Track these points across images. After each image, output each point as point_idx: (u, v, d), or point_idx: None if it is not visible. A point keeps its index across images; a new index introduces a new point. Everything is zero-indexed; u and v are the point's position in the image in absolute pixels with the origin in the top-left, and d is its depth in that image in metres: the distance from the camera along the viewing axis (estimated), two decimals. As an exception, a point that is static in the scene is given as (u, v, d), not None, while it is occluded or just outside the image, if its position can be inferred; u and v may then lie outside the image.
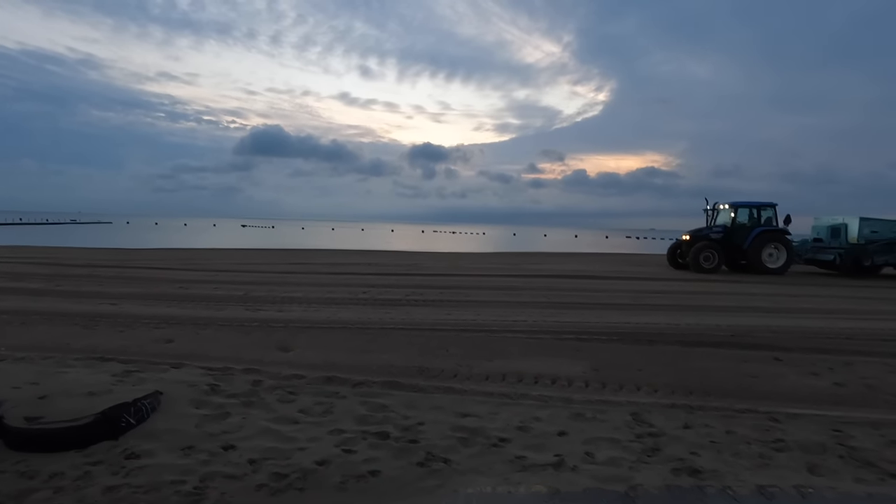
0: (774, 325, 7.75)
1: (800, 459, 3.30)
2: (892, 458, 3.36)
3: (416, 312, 8.26)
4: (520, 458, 3.19)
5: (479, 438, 3.44)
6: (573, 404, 4.21)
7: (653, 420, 3.90)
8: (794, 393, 4.70)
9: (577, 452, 3.30)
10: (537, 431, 3.61)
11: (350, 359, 5.31)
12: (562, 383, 4.80)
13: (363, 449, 3.19)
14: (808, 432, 3.76)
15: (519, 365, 5.29)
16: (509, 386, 4.65)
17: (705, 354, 5.97)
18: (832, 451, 3.43)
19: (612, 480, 2.94)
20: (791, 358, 5.90)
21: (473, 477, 2.94)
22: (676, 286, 13.21)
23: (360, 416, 3.71)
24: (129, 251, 22.75)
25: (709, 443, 3.51)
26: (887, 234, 17.10)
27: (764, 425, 3.86)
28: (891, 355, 6.14)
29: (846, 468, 3.20)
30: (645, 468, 3.12)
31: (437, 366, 5.16)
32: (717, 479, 3.01)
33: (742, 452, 3.38)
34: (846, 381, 5.08)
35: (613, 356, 5.76)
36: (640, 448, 3.39)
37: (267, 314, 7.79)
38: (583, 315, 8.26)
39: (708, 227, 18.12)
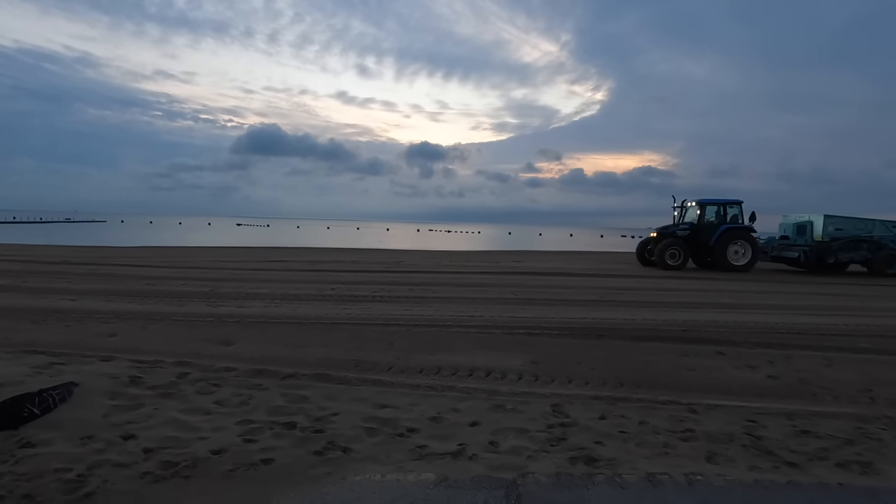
0: (729, 321, 7.80)
1: (702, 449, 3.34)
2: (794, 447, 3.40)
3: (376, 308, 8.28)
4: (421, 447, 3.21)
5: (387, 429, 3.46)
6: (497, 396, 4.24)
7: (571, 411, 3.93)
8: (724, 385, 4.74)
9: (481, 442, 3.32)
10: (450, 422, 3.64)
11: (290, 352, 5.32)
12: (495, 376, 4.83)
13: (265, 438, 3.21)
14: (722, 423, 3.80)
15: (459, 359, 5.32)
16: (441, 379, 4.68)
17: (651, 349, 6.02)
18: (737, 441, 3.47)
19: (504, 468, 2.97)
20: (735, 352, 5.95)
21: (368, 465, 2.97)
22: (644, 283, 13.28)
23: (275, 407, 3.73)
24: (112, 249, 22.67)
25: (617, 433, 3.55)
26: (851, 232, 17.19)
27: (680, 416, 3.90)
28: (834, 349, 6.19)
29: (745, 457, 3.23)
30: (544, 457, 3.15)
31: (374, 359, 5.18)
32: (612, 467, 3.04)
33: (647, 442, 3.41)
34: (780, 374, 5.12)
35: (558, 350, 5.78)
36: (547, 438, 3.42)
37: (225, 310, 7.79)
38: (542, 311, 8.29)
39: (675, 224, 18.22)
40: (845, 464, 3.18)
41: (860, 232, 17.19)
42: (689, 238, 17.40)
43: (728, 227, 17.14)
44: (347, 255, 21.83)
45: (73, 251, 20.41)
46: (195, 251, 22.46)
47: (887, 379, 5.06)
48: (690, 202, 18.31)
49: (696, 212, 17.88)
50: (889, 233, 17.35)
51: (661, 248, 17.04)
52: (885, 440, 3.58)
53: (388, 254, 23.39)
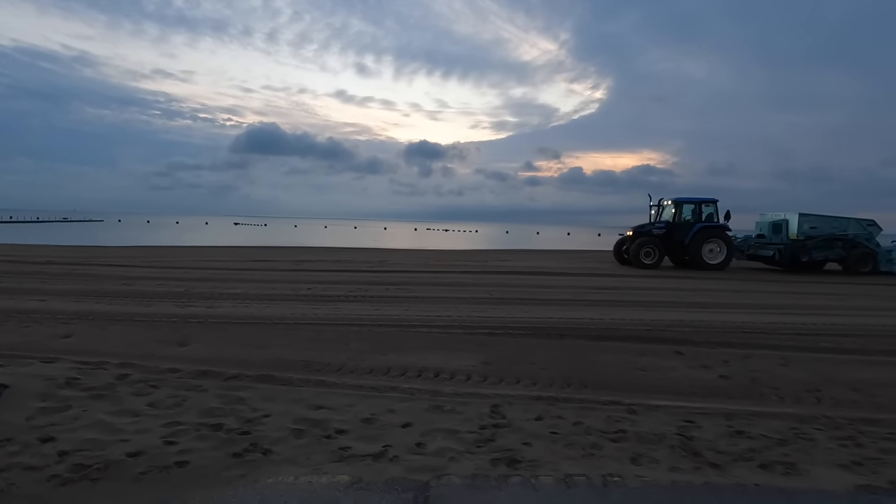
0: (697, 320, 7.80)
1: (629, 450, 3.32)
2: (723, 448, 3.39)
3: (346, 308, 8.27)
4: (345, 448, 3.20)
5: (315, 430, 3.44)
6: (439, 397, 4.22)
7: (509, 412, 3.92)
8: (673, 386, 4.73)
9: (408, 443, 3.31)
10: (382, 423, 3.62)
11: (243, 353, 5.30)
12: (444, 376, 4.81)
13: (187, 441, 3.19)
14: (658, 423, 3.79)
15: (412, 359, 5.30)
16: (388, 380, 4.66)
17: (610, 348, 6.00)
18: (667, 442, 3.45)
19: (422, 470, 2.95)
20: (693, 351, 5.94)
21: (285, 467, 2.95)
22: (624, 282, 13.28)
23: (207, 409, 3.71)
24: (101, 248, 22.62)
25: (549, 434, 3.53)
26: (826, 230, 17.19)
27: (617, 417, 3.89)
28: (795, 349, 6.19)
29: (670, 458, 3.22)
30: (467, 458, 3.13)
31: (326, 360, 5.16)
32: (532, 468, 3.03)
33: (576, 443, 3.40)
34: (733, 374, 5.12)
35: (514, 350, 5.77)
36: (475, 439, 3.41)
37: (193, 310, 7.76)
38: (511, 311, 8.28)
39: (651, 223, 18.20)
40: (769, 465, 3.17)
41: (835, 230, 17.19)
42: (665, 237, 17.40)
43: (703, 226, 17.14)
44: (335, 254, 21.80)
45: (60, 251, 20.35)
46: (184, 251, 22.41)
47: (839, 378, 5.06)
48: (667, 201, 18.30)
49: (672, 210, 17.88)
50: (863, 231, 17.36)
51: (636, 246, 17.05)
52: (818, 440, 3.58)
53: (376, 253, 23.36)
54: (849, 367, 5.53)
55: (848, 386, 4.85)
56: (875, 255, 17.00)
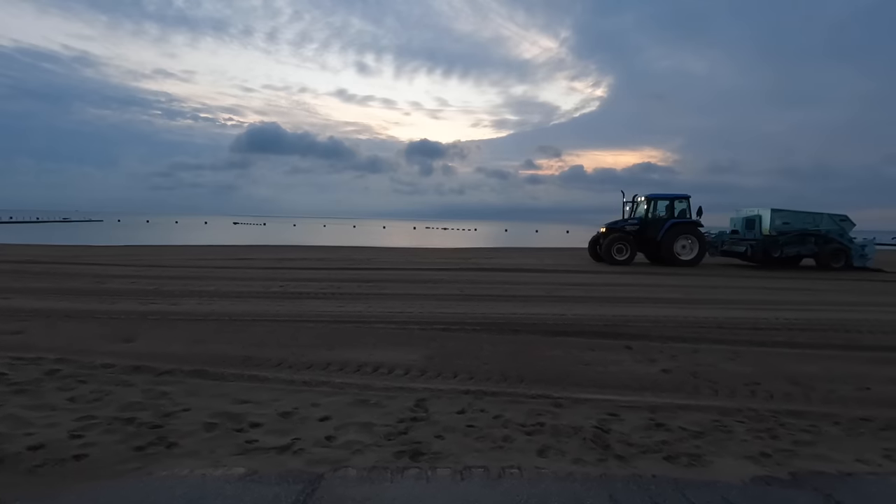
0: (660, 316, 7.78)
1: (540, 442, 3.32)
2: (636, 441, 3.39)
3: (310, 305, 8.27)
4: (252, 441, 3.21)
5: (230, 424, 3.45)
6: (369, 391, 4.23)
7: (433, 406, 3.92)
8: (611, 380, 4.72)
9: (318, 437, 3.31)
10: (300, 417, 3.63)
11: (186, 349, 5.32)
12: (382, 371, 4.81)
13: (94, 434, 3.20)
14: (580, 417, 3.79)
15: (357, 355, 5.30)
16: (324, 374, 4.66)
17: (561, 343, 5.99)
18: (581, 435, 3.45)
19: (322, 462, 2.96)
20: (644, 346, 5.94)
21: (184, 460, 2.95)
22: (600, 279, 13.29)
23: (127, 403, 3.72)
24: (90, 248, 22.68)
25: (465, 427, 3.53)
26: (799, 226, 17.14)
27: (541, 410, 3.89)
28: (748, 343, 6.18)
29: (578, 450, 3.22)
30: (372, 451, 3.14)
31: (268, 355, 5.16)
32: (434, 460, 3.03)
33: (489, 436, 3.40)
34: (676, 368, 5.11)
35: (464, 345, 5.77)
36: (388, 432, 3.41)
37: (155, 307, 7.78)
38: (476, 307, 8.28)
39: (624, 219, 18.19)
40: (676, 456, 3.16)
41: (807, 226, 17.14)
42: (638, 233, 17.38)
43: (675, 222, 17.10)
44: (324, 252, 21.82)
45: (48, 250, 20.41)
46: (173, 249, 22.48)
47: (782, 372, 5.05)
48: (640, 197, 18.28)
49: (645, 207, 17.86)
50: (836, 226, 17.32)
51: (608, 243, 17.05)
52: (735, 432, 3.57)
53: (365, 251, 23.37)
54: (797, 360, 5.52)
55: (788, 379, 4.84)
56: (848, 251, 16.96)
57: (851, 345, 6.28)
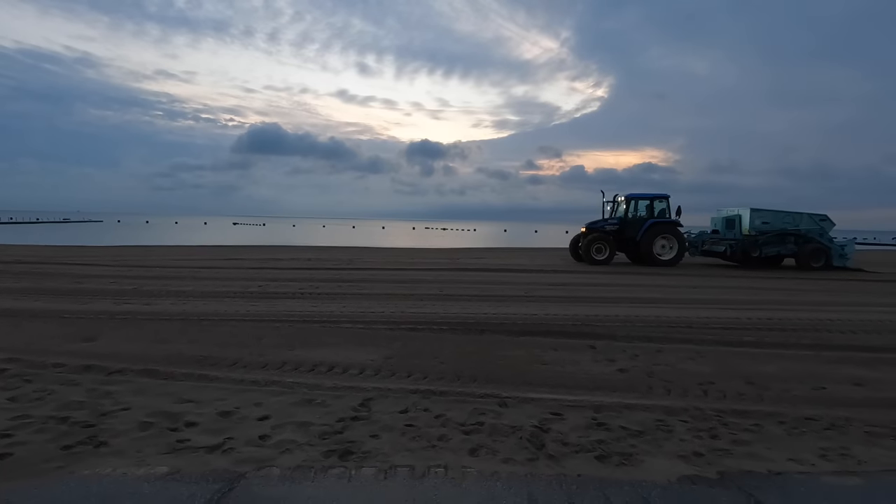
0: (632, 315, 7.75)
1: (475, 441, 3.31)
2: (572, 440, 3.37)
3: (283, 304, 8.26)
4: (182, 441, 3.19)
5: (165, 423, 3.44)
6: (317, 390, 4.21)
7: (377, 405, 3.91)
8: (564, 379, 4.71)
9: (252, 436, 3.30)
10: (239, 416, 3.62)
11: (144, 348, 5.31)
12: (337, 370, 4.80)
13: (25, 433, 3.18)
14: (522, 416, 3.77)
15: (316, 354, 5.29)
16: (278, 374, 4.64)
17: (525, 343, 5.98)
18: (518, 434, 3.44)
19: (249, 462, 2.95)
20: (608, 346, 5.92)
21: (110, 459, 2.94)
22: (583, 278, 13.28)
23: (67, 402, 3.71)
24: (79, 248, 22.66)
25: (402, 426, 3.52)
26: (778, 226, 17.10)
27: (484, 410, 3.87)
28: (714, 343, 6.15)
29: (510, 450, 3.21)
30: (303, 450, 3.12)
31: (226, 355, 5.15)
32: (362, 460, 3.02)
33: (424, 435, 3.39)
34: (633, 368, 5.09)
35: (426, 345, 5.75)
36: (324, 431, 3.40)
37: (128, 307, 7.77)
38: (449, 307, 8.27)
39: (604, 219, 18.16)
40: (608, 456, 3.15)
41: (787, 225, 17.09)
42: (618, 233, 17.37)
43: (654, 222, 17.06)
44: (312, 252, 21.79)
45: (38, 250, 20.40)
46: (164, 250, 22.46)
47: (740, 371, 5.03)
48: (620, 197, 18.27)
49: (625, 206, 17.85)
50: (816, 226, 17.29)
51: (587, 242, 17.05)
52: (676, 432, 3.56)
53: (354, 251, 23.34)
54: (759, 360, 5.50)
55: (745, 379, 4.82)
56: (827, 251, 16.92)
57: (819, 344, 6.26)
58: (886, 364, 5.46)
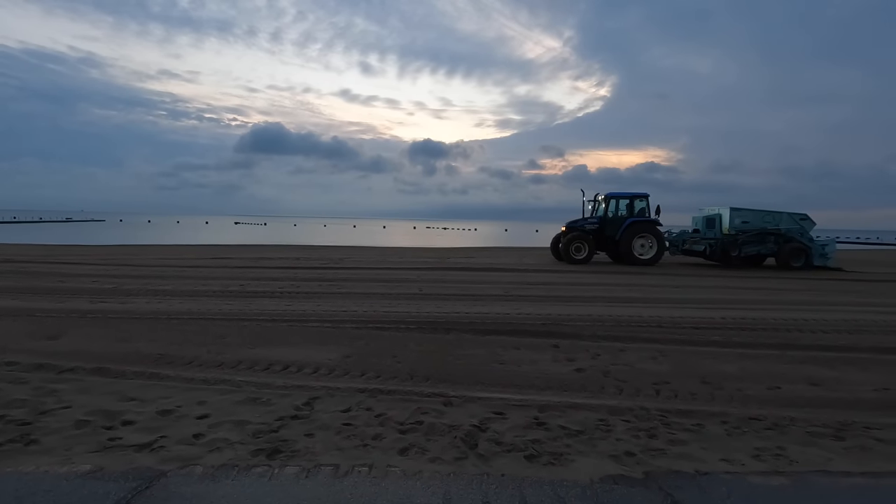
0: (604, 315, 7.73)
1: (408, 441, 3.31)
2: (507, 439, 3.36)
3: (259, 303, 8.27)
4: (115, 439, 3.20)
5: (101, 421, 3.45)
6: (265, 389, 4.22)
7: (321, 404, 3.91)
8: (518, 378, 4.70)
9: (185, 435, 3.30)
10: (178, 415, 3.63)
11: (104, 346, 5.33)
12: (292, 369, 4.81)
13: (-46, 432, 3.21)
14: (464, 415, 3.77)
15: (276, 353, 5.30)
16: (231, 373, 4.65)
17: (488, 342, 5.96)
18: (454, 433, 3.43)
19: (175, 460, 2.95)
20: (572, 345, 5.91)
21: (37, 457, 2.95)
22: (563, 277, 13.27)
23: (10, 400, 3.71)
24: (72, 247, 22.74)
25: (340, 425, 3.52)
26: (758, 225, 17.02)
27: (427, 409, 3.87)
28: (680, 342, 6.14)
29: (442, 449, 3.20)
30: (232, 449, 3.12)
31: (184, 353, 5.17)
32: (290, 458, 3.02)
33: (359, 434, 3.39)
34: (590, 368, 5.08)
35: (388, 344, 5.76)
36: (258, 430, 3.40)
37: (103, 306, 7.80)
38: (424, 306, 8.27)
39: (584, 218, 18.11)
40: (539, 455, 3.14)
41: (767, 225, 17.01)
42: (598, 232, 17.33)
43: (634, 221, 17.00)
44: (302, 251, 21.82)
45: (30, 249, 20.49)
46: (157, 249, 22.54)
47: (698, 371, 5.02)
48: (601, 196, 18.22)
49: (604, 205, 17.80)
50: (796, 225, 17.21)
51: (566, 242, 17.02)
52: (614, 431, 3.55)
53: (338, 250, 23.34)
54: (721, 360, 5.49)
55: (701, 379, 4.81)
56: (807, 250, 16.84)
57: (786, 344, 6.23)
58: (848, 364, 5.44)
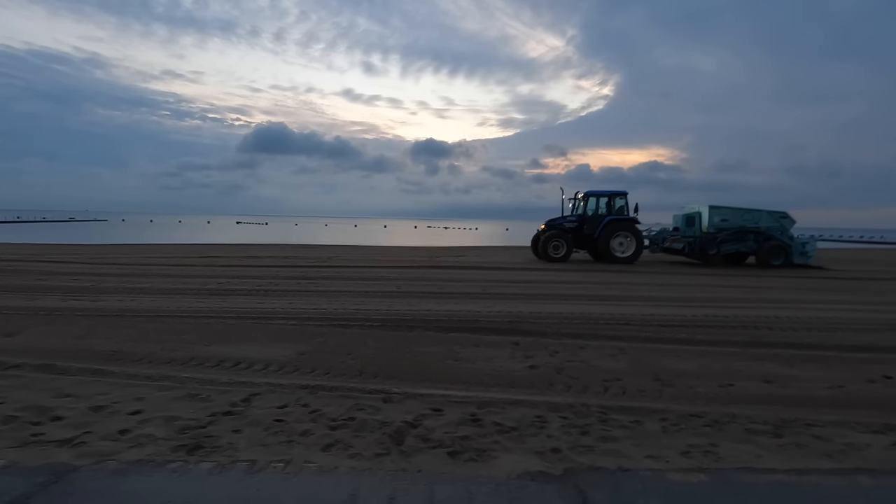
0: (575, 312, 7.70)
1: (335, 437, 3.28)
2: (436, 436, 3.33)
3: (231, 301, 8.26)
4: (37, 435, 3.19)
5: (30, 417, 3.43)
6: (208, 386, 4.19)
7: (259, 401, 3.88)
8: (468, 375, 4.67)
9: (111, 431, 3.28)
10: (111, 411, 3.61)
11: (59, 343, 5.32)
12: (242, 366, 4.79)
13: None
14: (401, 411, 3.74)
15: (228, 350, 5.28)
16: (181, 369, 4.63)
17: (449, 339, 5.94)
18: (383, 430, 3.40)
19: (92, 456, 2.94)
20: (532, 342, 5.87)
21: (-45, 454, 2.95)
22: (546, 276, 13.24)
23: (-57, 396, 3.72)
24: (65, 246, 22.80)
25: (271, 422, 3.50)
26: (737, 223, 16.93)
27: (364, 405, 3.84)
28: (643, 340, 6.10)
29: (366, 445, 3.17)
30: (154, 445, 3.10)
31: (140, 350, 5.15)
32: (210, 454, 2.99)
33: (288, 430, 3.36)
34: (545, 365, 5.05)
35: (348, 341, 5.73)
36: (186, 426, 3.37)
37: (74, 303, 7.80)
38: (395, 304, 8.25)
39: (563, 216, 18.05)
40: (463, 452, 3.11)
41: (746, 223, 16.94)
42: (577, 230, 17.29)
43: (612, 219, 16.94)
44: (293, 250, 21.83)
45: (22, 248, 20.56)
46: (147, 248, 22.59)
47: (653, 369, 4.97)
48: (581, 193, 18.17)
49: (583, 203, 17.76)
50: (776, 223, 17.11)
51: (544, 240, 16.99)
52: (549, 428, 3.51)
53: (335, 249, 23.37)
54: (681, 357, 5.45)
55: (654, 376, 4.77)
56: (787, 248, 16.75)
57: (751, 342, 6.18)
58: (809, 361, 5.40)
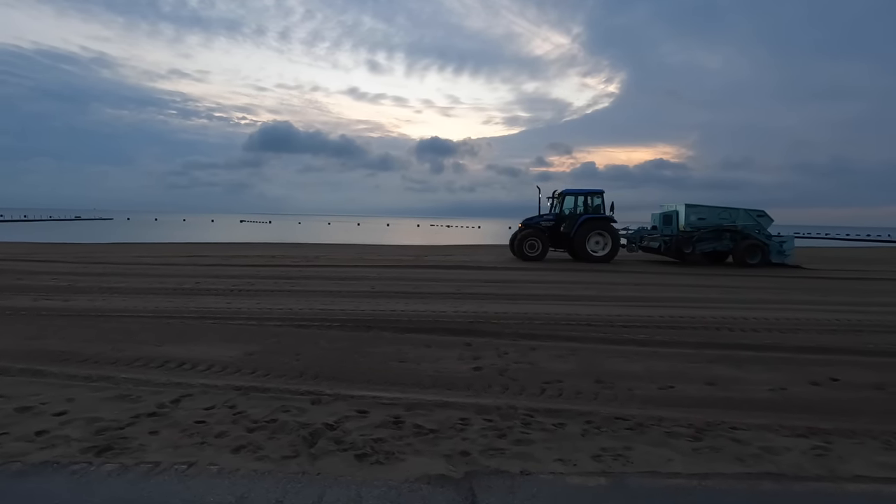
0: (540, 312, 7.68)
1: (247, 439, 3.30)
2: (351, 438, 3.33)
3: (200, 301, 8.31)
4: (-46, 436, 3.24)
5: (-48, 418, 3.49)
6: (142, 386, 4.23)
7: (189, 402, 3.92)
8: (408, 377, 4.69)
9: (29, 432, 3.32)
10: (36, 412, 3.65)
11: (13, 344, 5.39)
12: (185, 367, 4.83)
13: None
14: (324, 413, 3.76)
15: (178, 350, 5.32)
16: (123, 370, 4.66)
17: (402, 340, 5.96)
18: (299, 432, 3.41)
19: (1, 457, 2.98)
20: (485, 343, 5.87)
21: None
22: (525, 276, 13.23)
23: None
24: (57, 245, 22.98)
25: (192, 423, 3.52)
26: (714, 221, 16.85)
27: (291, 407, 3.86)
28: (598, 341, 6.09)
29: (276, 448, 3.18)
30: (67, 446, 3.14)
31: (89, 351, 5.20)
32: (118, 455, 3.02)
33: (203, 432, 3.38)
34: (490, 366, 5.05)
35: (299, 341, 5.76)
36: (104, 428, 3.40)
37: (44, 303, 7.88)
38: (363, 304, 8.27)
39: (539, 215, 17.99)
40: (371, 455, 3.13)
41: (723, 221, 16.85)
42: (553, 229, 17.24)
43: (588, 218, 16.87)
44: (283, 249, 21.91)
45: (17, 248, 20.77)
46: (139, 247, 22.72)
47: (599, 370, 4.97)
48: (557, 192, 18.07)
49: (559, 202, 17.67)
50: (753, 222, 17.01)
51: (520, 238, 16.96)
52: (469, 430, 3.52)
53: (325, 248, 23.45)
54: (630, 358, 5.43)
55: (597, 378, 4.77)
56: (764, 247, 16.63)
57: (707, 343, 6.15)
58: (758, 363, 5.37)
